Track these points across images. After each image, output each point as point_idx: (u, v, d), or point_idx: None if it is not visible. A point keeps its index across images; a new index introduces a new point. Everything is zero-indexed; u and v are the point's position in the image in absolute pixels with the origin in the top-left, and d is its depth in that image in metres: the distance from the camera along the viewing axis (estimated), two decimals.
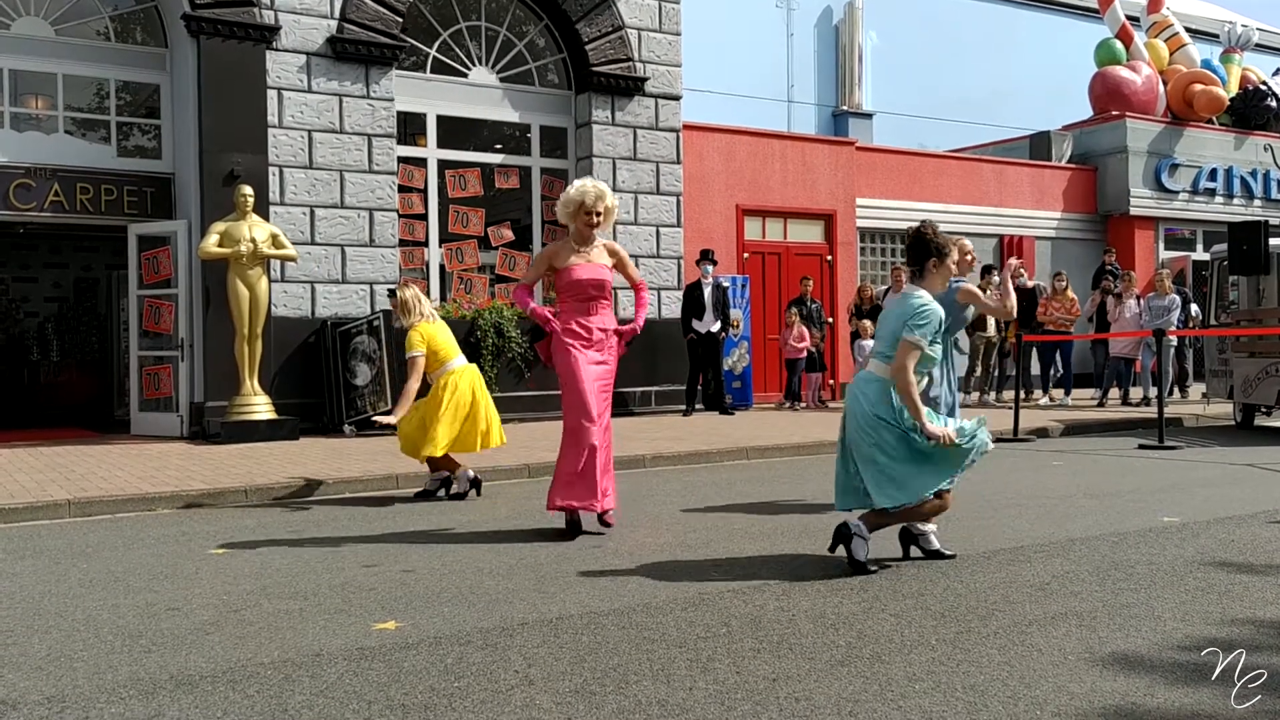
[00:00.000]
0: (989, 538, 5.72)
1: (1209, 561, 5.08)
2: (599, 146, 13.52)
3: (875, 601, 4.37)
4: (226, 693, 3.36)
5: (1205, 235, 19.76)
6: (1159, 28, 20.93)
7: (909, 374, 4.84)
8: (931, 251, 5.07)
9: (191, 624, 4.19)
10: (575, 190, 6.09)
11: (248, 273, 10.75)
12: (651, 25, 13.96)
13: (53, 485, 7.69)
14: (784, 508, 6.89)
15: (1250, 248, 11.47)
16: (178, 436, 11.24)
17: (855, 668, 3.51)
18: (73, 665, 3.68)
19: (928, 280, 5.10)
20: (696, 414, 13.48)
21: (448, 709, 3.19)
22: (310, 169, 11.82)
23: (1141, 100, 19.42)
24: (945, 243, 5.12)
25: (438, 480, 7.62)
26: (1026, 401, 13.97)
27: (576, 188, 6.10)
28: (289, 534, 6.22)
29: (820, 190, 16.02)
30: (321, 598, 4.60)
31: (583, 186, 6.09)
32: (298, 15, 11.72)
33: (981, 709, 3.12)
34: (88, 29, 11.58)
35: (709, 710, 3.14)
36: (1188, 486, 7.62)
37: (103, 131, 11.72)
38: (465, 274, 13.19)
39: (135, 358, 11.88)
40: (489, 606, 4.38)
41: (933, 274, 5.10)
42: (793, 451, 9.98)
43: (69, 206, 11.36)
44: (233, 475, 8.16)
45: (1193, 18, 23.93)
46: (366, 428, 11.49)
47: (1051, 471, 8.57)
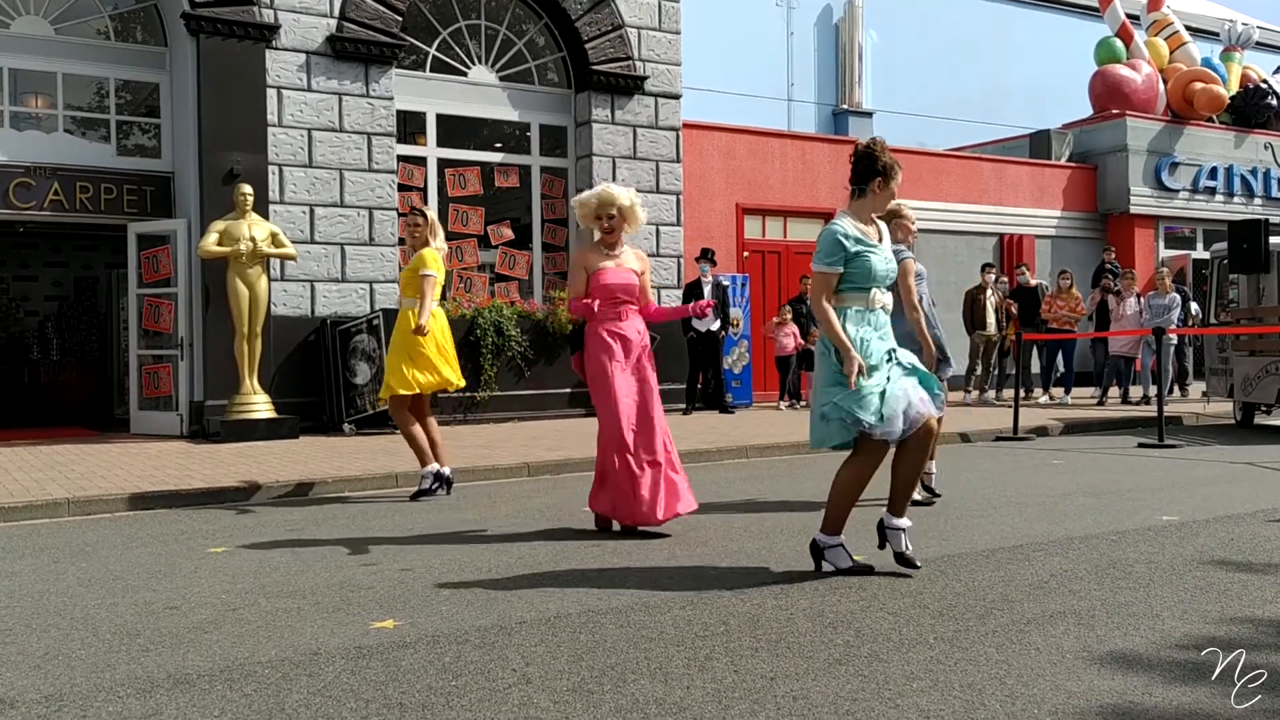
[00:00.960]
0: (988, 536, 5.72)
1: (1208, 560, 5.08)
2: (599, 145, 13.52)
3: (873, 600, 4.37)
4: (224, 691, 3.36)
5: (1205, 234, 19.76)
6: (1159, 26, 20.92)
7: (820, 303, 4.69)
8: (878, 170, 4.77)
9: (190, 623, 4.19)
10: (587, 195, 6.20)
11: (247, 271, 10.75)
12: (651, 24, 13.96)
13: (52, 484, 7.69)
14: (783, 506, 6.89)
15: (1250, 246, 11.47)
16: (177, 435, 11.24)
17: (853, 666, 3.51)
18: (71, 664, 3.68)
19: (868, 201, 4.81)
20: (696, 413, 13.48)
21: (445, 708, 3.19)
22: (310, 168, 11.82)
23: (1141, 99, 19.41)
24: (893, 163, 4.79)
25: (429, 476, 7.53)
26: (1026, 400, 13.98)
27: (588, 192, 6.22)
28: (288, 533, 6.22)
29: (820, 189, 16.02)
30: (320, 596, 4.60)
31: (594, 191, 6.21)
32: (297, 14, 11.72)
33: (979, 707, 3.12)
34: (87, 28, 11.58)
35: (707, 708, 3.14)
36: (1187, 485, 7.61)
37: (102, 130, 11.72)
38: (465, 273, 13.19)
39: (135, 356, 11.89)
40: (487, 605, 4.38)
41: (876, 195, 4.80)
42: (792, 450, 9.98)
43: (69, 205, 11.36)
44: (232, 474, 8.16)
45: (1193, 16, 23.91)
46: (366, 427, 11.49)
47: (1051, 470, 8.57)
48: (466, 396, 12.49)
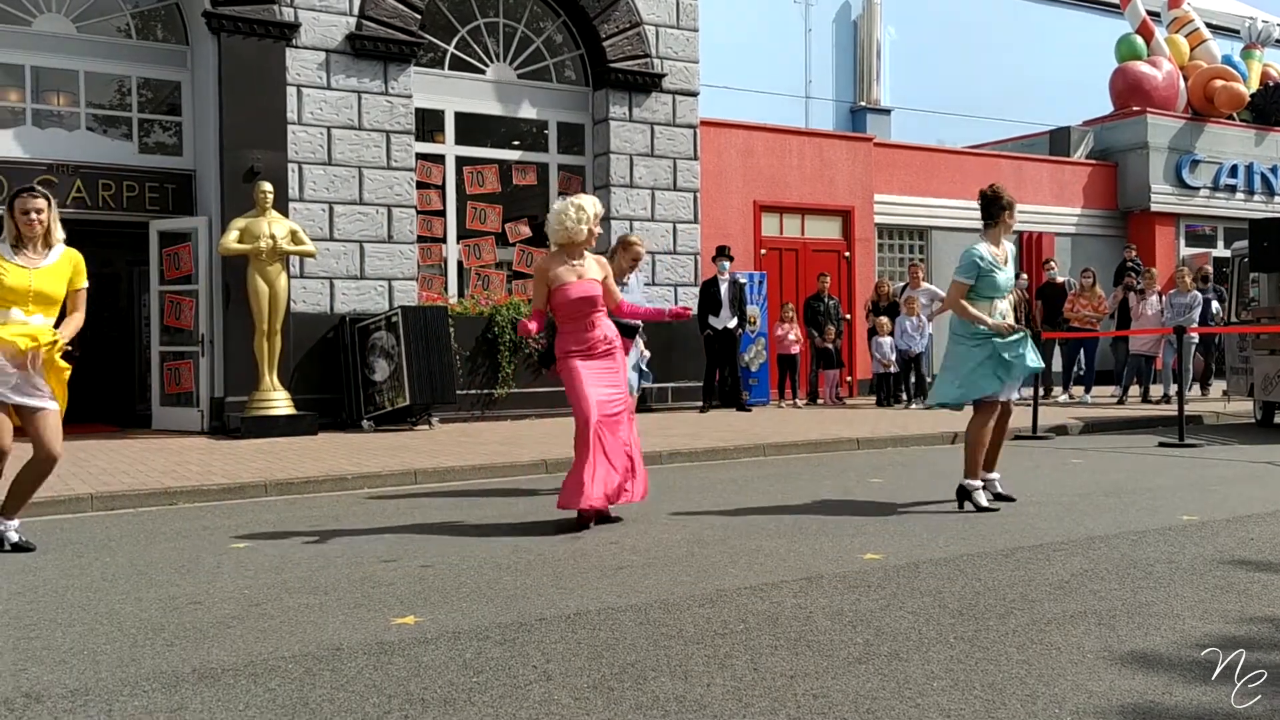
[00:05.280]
0: (1008, 535, 5.71)
1: (1229, 560, 5.05)
2: (616, 143, 13.53)
3: (893, 599, 4.37)
4: (248, 686, 3.39)
5: (1226, 232, 19.63)
6: (1179, 23, 20.80)
7: (958, 302, 6.50)
8: (1003, 206, 6.58)
9: (213, 617, 4.23)
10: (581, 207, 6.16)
11: (267, 269, 10.81)
12: (669, 21, 13.95)
13: (75, 479, 7.75)
14: (801, 505, 6.89)
15: (1271, 245, 11.40)
16: (198, 431, 11.32)
17: (873, 665, 3.51)
18: (96, 658, 3.72)
19: (997, 230, 6.61)
20: (713, 410, 13.48)
21: (467, 703, 3.21)
22: (329, 165, 11.87)
23: (1162, 96, 19.30)
24: (1012, 200, 6.64)
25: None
26: (1046, 399, 13.92)
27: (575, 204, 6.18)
28: (308, 528, 6.26)
29: (838, 186, 15.99)
30: (341, 592, 4.63)
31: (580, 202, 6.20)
32: (317, 12, 11.77)
33: (1000, 707, 3.12)
34: (109, 26, 11.66)
35: (726, 706, 3.15)
36: (1208, 484, 7.57)
37: (124, 128, 11.80)
38: (483, 270, 13.23)
39: (156, 353, 11.96)
40: (507, 602, 4.40)
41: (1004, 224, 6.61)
42: (810, 449, 9.97)
43: (91, 203, 11.45)
44: (252, 470, 8.21)
45: (1213, 13, 23.74)
46: (384, 423, 11.54)
47: (1071, 469, 8.54)
48: (484, 394, 12.54)
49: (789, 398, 14.57)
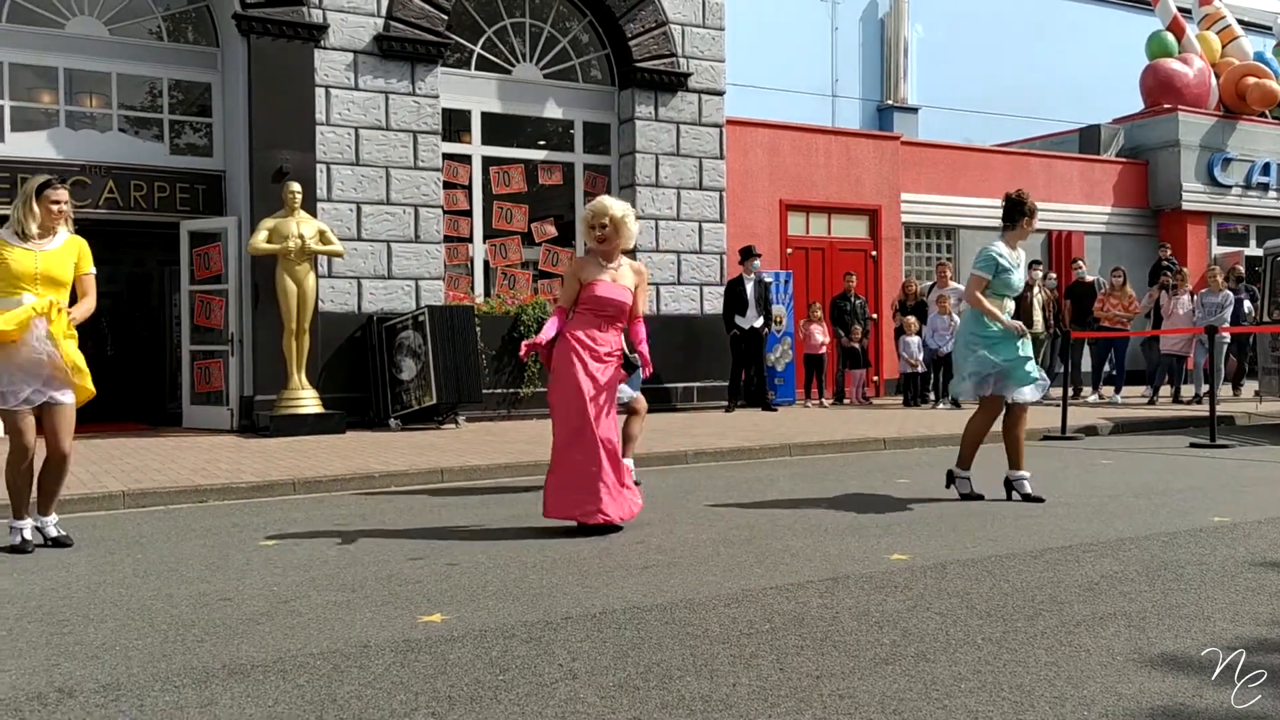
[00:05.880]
0: (1037, 536, 5.67)
1: (1260, 562, 5.00)
2: (642, 142, 13.54)
3: (920, 600, 4.35)
4: (278, 682, 3.42)
5: (1258, 230, 19.41)
6: (1211, 20, 20.57)
7: (975, 295, 6.76)
8: (1025, 211, 6.81)
9: (243, 614, 4.27)
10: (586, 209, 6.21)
11: (296, 269, 10.89)
12: (695, 20, 13.94)
13: (107, 477, 7.85)
14: (827, 505, 6.87)
15: None
16: (228, 430, 11.42)
17: (900, 666, 3.50)
18: (128, 654, 3.76)
19: (1016, 232, 6.85)
20: (739, 410, 13.46)
21: (493, 701, 3.22)
22: (357, 165, 11.95)
23: (1193, 93, 19.10)
24: (1035, 206, 6.87)
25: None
26: (1075, 399, 13.81)
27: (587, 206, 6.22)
28: (336, 526, 6.31)
29: (865, 185, 15.93)
30: (368, 590, 4.66)
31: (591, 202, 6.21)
32: (345, 14, 11.85)
33: (1028, 709, 3.10)
34: (140, 28, 11.78)
35: (752, 706, 3.15)
36: (1239, 486, 7.49)
37: (155, 130, 11.92)
38: (509, 270, 13.27)
39: (187, 352, 12.08)
40: (533, 600, 4.42)
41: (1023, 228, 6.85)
42: (836, 449, 9.94)
43: (123, 203, 11.57)
44: (281, 468, 8.28)
45: (1245, 10, 23.46)
46: (411, 422, 11.60)
47: (1101, 470, 8.47)
48: (510, 393, 12.58)
49: (815, 397, 14.53)
